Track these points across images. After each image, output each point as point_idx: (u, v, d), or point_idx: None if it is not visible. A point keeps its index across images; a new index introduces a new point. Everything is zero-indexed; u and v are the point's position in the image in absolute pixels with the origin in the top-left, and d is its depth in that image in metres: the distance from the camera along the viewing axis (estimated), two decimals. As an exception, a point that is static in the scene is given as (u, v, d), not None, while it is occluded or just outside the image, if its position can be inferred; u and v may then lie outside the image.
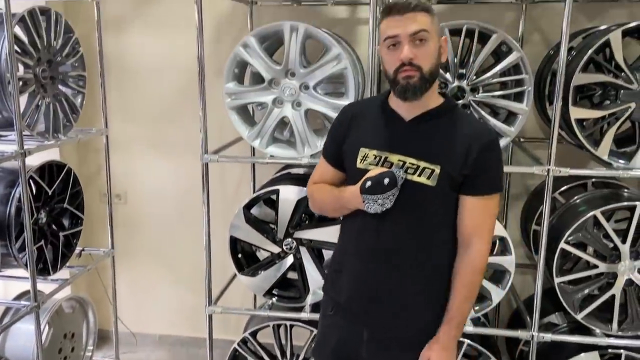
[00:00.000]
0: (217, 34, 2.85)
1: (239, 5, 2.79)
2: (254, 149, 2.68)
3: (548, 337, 2.23)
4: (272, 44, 2.37)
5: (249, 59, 2.17)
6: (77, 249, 2.85)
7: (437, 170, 1.51)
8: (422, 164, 1.52)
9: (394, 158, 1.54)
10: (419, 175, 1.52)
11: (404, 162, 1.53)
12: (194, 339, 3.24)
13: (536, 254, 2.49)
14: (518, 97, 2.16)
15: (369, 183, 1.50)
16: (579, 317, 2.21)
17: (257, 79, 2.29)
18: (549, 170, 2.09)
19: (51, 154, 2.78)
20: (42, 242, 2.49)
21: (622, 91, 2.06)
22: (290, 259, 2.31)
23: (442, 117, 1.56)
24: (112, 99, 3.00)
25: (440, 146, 1.53)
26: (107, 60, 2.93)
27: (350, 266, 1.66)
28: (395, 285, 1.59)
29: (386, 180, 1.48)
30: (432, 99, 1.56)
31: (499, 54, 2.20)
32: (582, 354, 2.26)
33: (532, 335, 2.22)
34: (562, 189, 2.52)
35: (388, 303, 1.60)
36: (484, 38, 2.11)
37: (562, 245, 2.14)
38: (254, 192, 2.93)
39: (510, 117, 2.23)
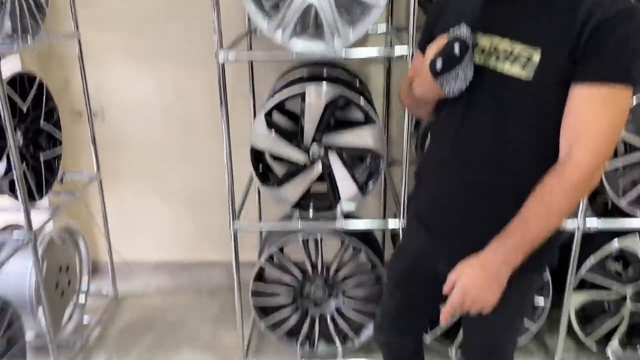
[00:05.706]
0: None
1: None
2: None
3: None
4: None
5: None
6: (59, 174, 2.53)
7: (536, 56, 1.12)
8: (518, 48, 1.14)
9: (485, 41, 1.22)
10: (512, 63, 1.15)
11: (495, 47, 1.19)
12: (194, 263, 3.03)
13: None
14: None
15: (439, 63, 1.22)
16: None
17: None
18: None
19: (12, 65, 2.37)
20: (24, 166, 2.15)
21: None
22: (318, 167, 2.10)
23: None
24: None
25: (545, 20, 1.11)
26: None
27: (426, 178, 1.45)
28: (466, 209, 1.32)
29: (456, 47, 1.17)
30: None
31: None
32: None
33: None
34: None
35: (461, 223, 1.35)
36: None
37: None
38: (253, 99, 2.66)
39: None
